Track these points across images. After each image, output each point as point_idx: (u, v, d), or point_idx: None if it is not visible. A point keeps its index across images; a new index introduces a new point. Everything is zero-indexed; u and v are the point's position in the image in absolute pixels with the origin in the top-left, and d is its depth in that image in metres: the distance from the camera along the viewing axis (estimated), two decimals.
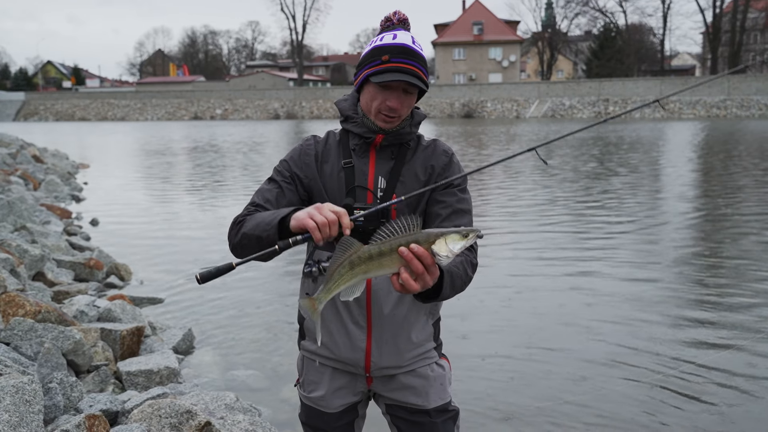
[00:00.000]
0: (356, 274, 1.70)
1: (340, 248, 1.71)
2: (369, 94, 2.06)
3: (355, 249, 1.69)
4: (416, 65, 2.00)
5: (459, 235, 1.66)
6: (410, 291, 1.67)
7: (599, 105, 57.11)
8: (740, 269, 7.55)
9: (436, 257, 1.65)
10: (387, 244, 1.67)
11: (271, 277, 7.27)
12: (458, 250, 1.65)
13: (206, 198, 14.08)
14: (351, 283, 1.72)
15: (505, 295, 6.68)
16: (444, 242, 1.65)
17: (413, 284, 1.65)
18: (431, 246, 1.64)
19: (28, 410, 2.86)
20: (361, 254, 1.68)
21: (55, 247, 7.61)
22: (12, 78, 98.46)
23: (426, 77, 2.05)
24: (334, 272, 1.71)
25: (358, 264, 1.69)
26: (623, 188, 14.21)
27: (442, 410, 2.19)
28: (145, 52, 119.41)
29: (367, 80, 2.06)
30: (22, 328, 4.08)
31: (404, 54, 2.00)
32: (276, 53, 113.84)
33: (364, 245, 1.69)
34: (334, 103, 2.24)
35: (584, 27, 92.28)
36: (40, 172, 15.49)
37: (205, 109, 70.54)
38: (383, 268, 1.68)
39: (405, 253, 1.63)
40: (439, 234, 1.66)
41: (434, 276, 1.68)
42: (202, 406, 3.73)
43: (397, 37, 2.03)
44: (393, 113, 2.04)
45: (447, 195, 2.10)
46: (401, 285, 1.66)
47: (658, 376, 4.69)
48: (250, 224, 1.96)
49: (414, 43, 2.04)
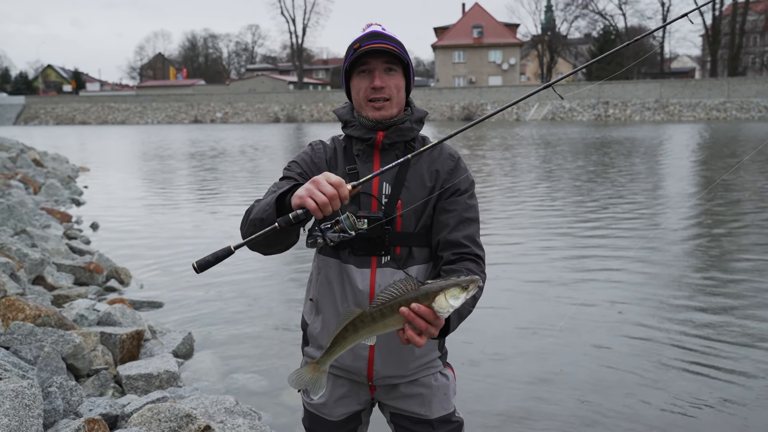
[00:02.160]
0: (361, 336, 1.72)
1: (343, 316, 1.74)
2: (355, 86, 2.09)
3: (357, 313, 1.72)
4: (388, 43, 2.03)
5: (459, 288, 1.65)
6: (417, 345, 1.68)
7: (599, 108, 57.15)
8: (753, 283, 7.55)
9: (438, 313, 1.65)
10: (388, 306, 1.68)
11: (273, 281, 7.26)
12: (459, 304, 1.65)
13: (207, 201, 14.08)
14: (353, 345, 1.76)
15: (508, 298, 6.68)
16: (444, 298, 1.65)
17: (418, 339, 1.67)
18: (431, 304, 1.65)
19: (27, 414, 2.86)
20: (364, 318, 1.71)
21: (55, 251, 7.61)
22: (12, 82, 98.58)
23: (404, 54, 2.06)
24: (338, 337, 1.74)
25: (362, 327, 1.71)
26: (623, 188, 14.22)
27: (445, 421, 2.17)
28: (145, 56, 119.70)
29: (350, 77, 2.10)
30: (21, 332, 4.08)
31: (374, 37, 2.04)
32: (276, 57, 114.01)
33: (365, 309, 1.72)
34: (333, 111, 2.26)
35: (584, 30, 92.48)
36: (41, 175, 15.50)
37: (205, 112, 70.60)
38: (387, 327, 1.70)
39: (406, 313, 1.64)
40: (438, 290, 1.65)
41: (439, 327, 1.69)
42: (202, 410, 3.72)
43: (367, 29, 2.09)
44: (380, 93, 2.04)
45: (454, 203, 2.06)
46: (407, 340, 1.68)
47: (660, 377, 4.69)
48: (255, 209, 1.93)
49: (385, 30, 2.08)
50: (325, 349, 1.78)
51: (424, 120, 2.17)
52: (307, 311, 2.23)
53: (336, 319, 2.09)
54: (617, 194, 13.64)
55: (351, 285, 2.05)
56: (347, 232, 1.82)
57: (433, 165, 2.10)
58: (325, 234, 1.83)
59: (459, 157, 2.15)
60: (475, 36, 74.13)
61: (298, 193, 1.73)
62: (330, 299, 2.11)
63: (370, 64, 2.04)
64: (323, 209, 1.68)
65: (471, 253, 2.01)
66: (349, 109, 2.17)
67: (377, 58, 2.03)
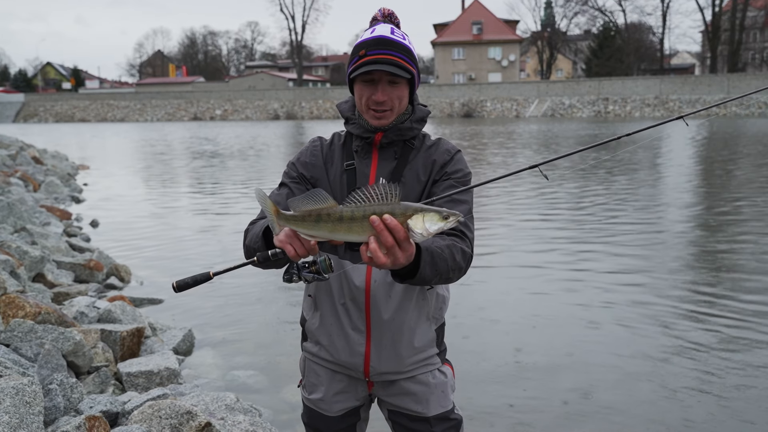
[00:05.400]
0: (320, 228, 1.62)
1: (312, 198, 1.63)
2: (357, 92, 2.05)
3: (327, 205, 1.61)
4: (394, 54, 1.96)
5: (439, 215, 1.58)
6: (378, 264, 1.58)
7: (599, 104, 57.08)
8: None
9: (411, 233, 1.56)
10: (360, 209, 1.57)
11: (272, 278, 7.26)
12: (435, 230, 1.57)
13: (206, 198, 14.06)
14: (311, 234, 1.65)
15: (508, 298, 6.68)
16: (421, 219, 1.56)
17: (381, 257, 1.56)
18: (407, 220, 1.56)
19: (28, 412, 2.86)
20: (331, 213, 1.60)
21: (55, 249, 7.61)
22: (11, 79, 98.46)
23: (411, 65, 2.00)
24: (303, 213, 1.63)
25: (326, 221, 1.60)
26: (624, 190, 14.21)
27: (443, 418, 2.16)
28: (144, 53, 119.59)
29: (353, 80, 2.05)
30: (22, 329, 4.08)
31: (380, 45, 1.96)
32: (275, 54, 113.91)
33: (338, 205, 1.61)
34: (336, 105, 2.23)
35: (583, 26, 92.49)
36: (40, 173, 15.49)
37: (204, 109, 70.53)
38: (351, 233, 1.59)
39: (376, 223, 1.54)
40: (418, 209, 1.57)
41: (407, 253, 1.60)
42: (203, 407, 3.72)
43: (375, 31, 2.01)
44: (381, 107, 2.01)
45: (445, 189, 2.03)
46: (369, 257, 1.58)
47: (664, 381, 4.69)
48: (249, 235, 1.99)
49: (393, 33, 2.00)
50: (290, 213, 1.67)
51: (426, 118, 2.14)
52: (306, 307, 2.24)
53: (333, 316, 2.10)
54: (614, 190, 13.65)
55: (347, 281, 2.05)
56: (321, 275, 1.84)
57: (429, 158, 2.09)
58: (301, 272, 1.86)
59: (457, 151, 2.13)
60: (475, 32, 74.00)
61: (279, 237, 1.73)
62: (327, 295, 2.11)
63: (373, 75, 1.98)
64: (301, 256, 1.72)
65: (456, 229, 1.92)
66: (351, 105, 2.16)
67: (380, 72, 1.97)
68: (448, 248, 1.84)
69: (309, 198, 1.63)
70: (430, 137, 2.17)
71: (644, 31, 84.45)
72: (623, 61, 74.49)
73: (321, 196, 1.62)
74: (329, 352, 2.14)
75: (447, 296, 2.20)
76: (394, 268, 1.65)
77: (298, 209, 1.64)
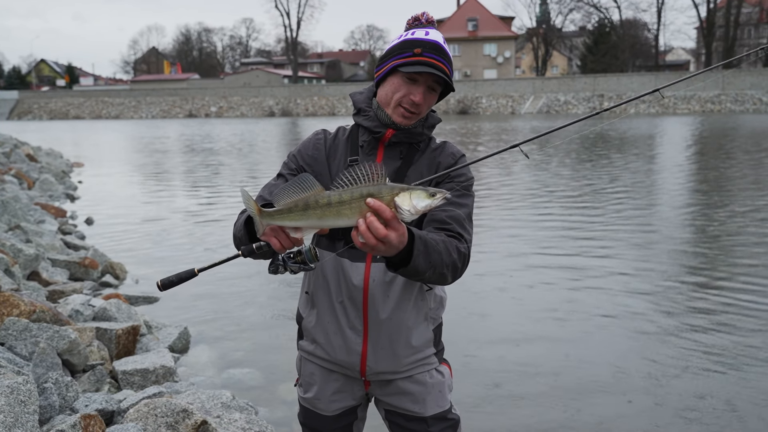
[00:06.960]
0: (309, 217, 1.61)
1: (298, 184, 1.62)
2: (393, 85, 2.03)
3: (314, 191, 1.60)
4: (446, 64, 2.00)
5: (426, 193, 1.57)
6: (371, 246, 1.57)
7: (594, 101, 57.15)
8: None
9: (398, 211, 1.56)
10: (348, 192, 1.56)
11: (269, 275, 7.22)
12: (423, 207, 1.57)
13: (201, 195, 14.03)
14: (299, 225, 1.64)
15: (506, 296, 6.69)
16: (408, 196, 1.56)
17: (372, 238, 1.56)
18: (394, 198, 1.55)
19: (23, 410, 2.85)
20: (319, 198, 1.59)
21: (50, 247, 7.59)
22: (5, 76, 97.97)
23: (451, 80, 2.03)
24: (289, 205, 1.62)
25: (314, 208, 1.59)
26: (619, 185, 14.24)
27: (441, 418, 2.14)
28: (139, 50, 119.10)
29: (394, 72, 2.02)
30: (16, 328, 4.06)
31: (436, 51, 1.99)
32: (270, 50, 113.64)
33: (325, 190, 1.60)
34: (349, 95, 2.21)
35: (579, 23, 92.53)
36: (34, 171, 15.43)
37: (199, 106, 70.35)
38: (341, 217, 1.58)
39: (372, 203, 1.54)
40: (405, 188, 1.58)
41: (398, 232, 1.59)
42: (199, 405, 3.72)
43: (429, 35, 2.02)
44: (414, 108, 2.01)
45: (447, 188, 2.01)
46: (362, 242, 1.58)
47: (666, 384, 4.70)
48: (236, 224, 1.99)
49: (445, 44, 2.04)
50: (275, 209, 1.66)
51: (436, 126, 2.15)
52: (303, 304, 2.22)
53: (330, 315, 2.09)
54: (611, 184, 13.68)
55: (345, 279, 2.03)
56: (307, 264, 1.82)
57: (434, 161, 2.09)
58: (287, 263, 1.84)
59: (462, 155, 2.13)
60: (470, 29, 74.00)
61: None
62: (325, 293, 2.09)
63: (419, 76, 2.00)
64: (286, 248, 1.73)
65: (453, 230, 1.93)
66: (367, 96, 2.14)
67: (428, 75, 1.99)
68: (444, 242, 1.84)
69: (296, 185, 1.62)
70: (435, 140, 2.17)
71: (639, 28, 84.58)
72: (618, 57, 74.57)
73: (308, 182, 1.62)
74: (326, 351, 2.12)
75: (444, 297, 2.21)
76: (389, 253, 1.64)
77: (283, 202, 1.64)
